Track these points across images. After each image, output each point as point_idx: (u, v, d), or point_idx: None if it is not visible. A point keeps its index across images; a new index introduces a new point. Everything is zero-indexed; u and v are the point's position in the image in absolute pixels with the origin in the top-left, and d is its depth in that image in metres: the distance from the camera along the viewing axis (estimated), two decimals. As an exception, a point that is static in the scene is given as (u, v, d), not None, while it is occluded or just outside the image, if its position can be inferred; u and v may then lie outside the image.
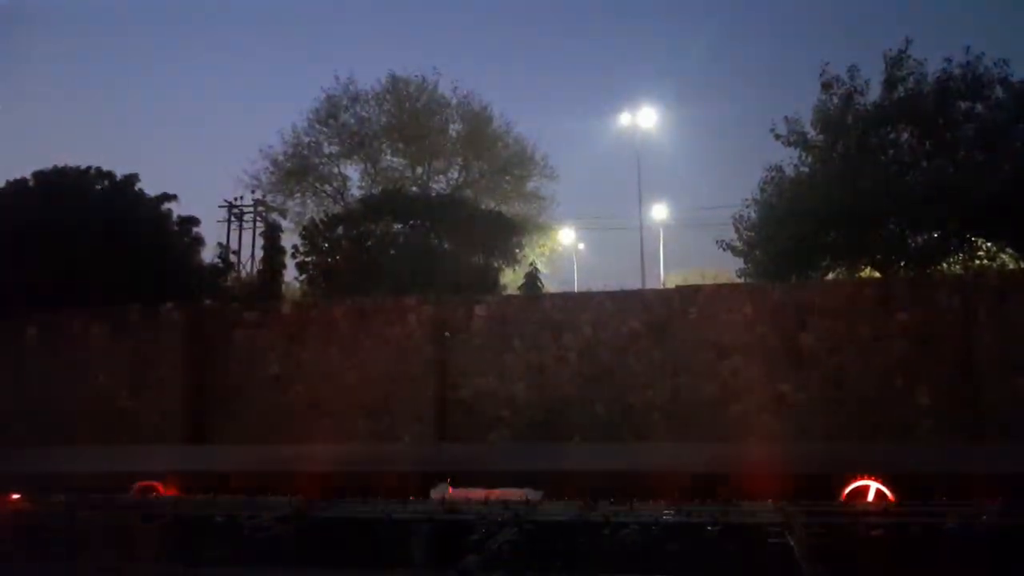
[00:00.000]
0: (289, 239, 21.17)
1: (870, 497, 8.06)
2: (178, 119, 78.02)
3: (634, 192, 29.64)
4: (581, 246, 40.24)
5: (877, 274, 16.08)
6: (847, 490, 8.20)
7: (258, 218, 30.82)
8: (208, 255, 19.78)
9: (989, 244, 15.85)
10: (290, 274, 20.40)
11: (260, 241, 26.49)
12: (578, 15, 79.77)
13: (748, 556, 6.31)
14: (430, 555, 6.71)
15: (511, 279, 20.57)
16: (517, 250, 20.18)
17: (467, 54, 74.57)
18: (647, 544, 6.37)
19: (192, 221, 18.39)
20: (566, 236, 33.62)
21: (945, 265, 16.08)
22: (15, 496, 8.44)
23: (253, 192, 29.61)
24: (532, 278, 18.53)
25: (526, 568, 6.08)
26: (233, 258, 24.37)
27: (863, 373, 11.97)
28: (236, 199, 31.17)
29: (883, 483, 8.04)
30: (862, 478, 8.19)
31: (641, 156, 29.89)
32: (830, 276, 16.58)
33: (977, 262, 15.85)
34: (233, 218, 31.57)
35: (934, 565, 6.04)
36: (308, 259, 18.81)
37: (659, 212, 36.55)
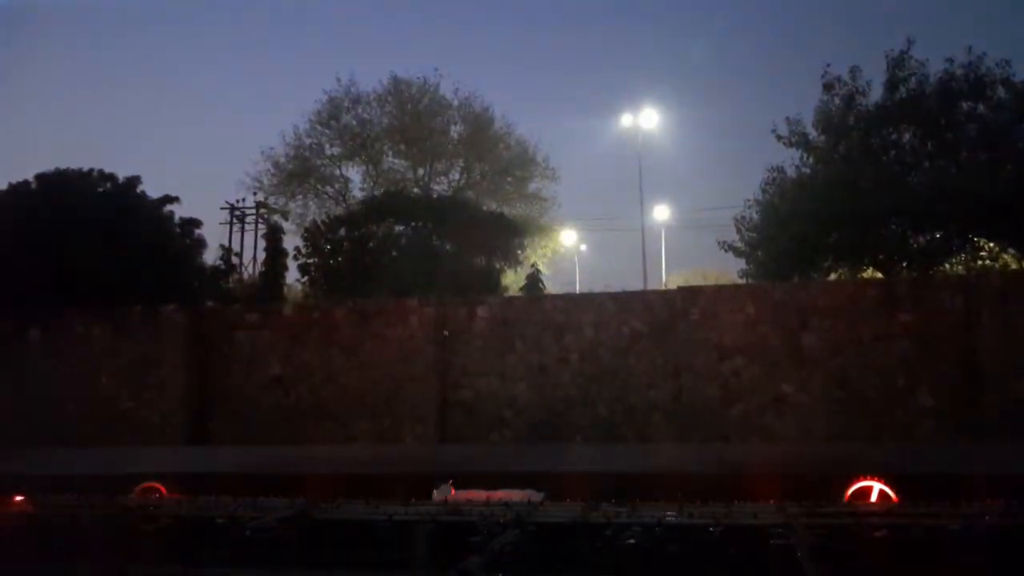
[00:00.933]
0: (291, 241, 21.22)
1: (873, 498, 8.04)
2: (180, 121, 78.22)
3: (636, 193, 29.65)
4: (583, 247, 40.27)
5: (879, 274, 16.05)
6: (850, 491, 8.18)
7: (260, 220, 30.87)
8: (210, 257, 19.84)
9: (991, 244, 15.83)
10: (292, 276, 20.45)
11: (262, 243, 26.51)
12: (580, 16, 79.89)
13: (750, 557, 6.30)
14: (432, 556, 6.69)
15: (513, 280, 20.57)
16: (519, 251, 20.17)
17: (468, 55, 74.84)
18: (649, 545, 6.36)
19: (194, 223, 18.41)
20: (568, 237, 33.60)
21: (947, 266, 16.06)
22: (18, 498, 8.44)
23: (255, 194, 29.70)
24: (534, 279, 18.54)
25: (528, 569, 6.07)
26: (235, 260, 24.45)
27: (865, 373, 11.95)
28: (238, 201, 31.28)
29: (886, 483, 8.03)
30: (865, 479, 8.18)
31: (643, 157, 29.88)
32: (832, 276, 16.56)
33: (979, 262, 15.83)
34: (235, 220, 31.65)
35: (937, 566, 6.02)
36: (310, 261, 18.82)
37: (661, 213, 36.53)
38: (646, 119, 29.85)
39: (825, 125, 16.54)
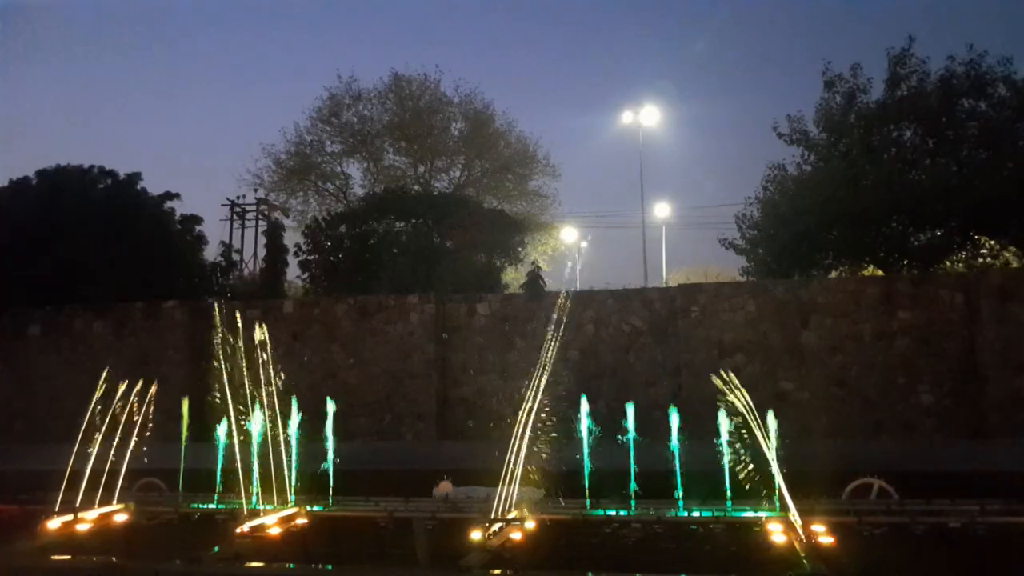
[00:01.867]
0: (292, 237, 21.18)
1: (873, 495, 8.06)
2: (181, 118, 78.23)
3: (637, 190, 29.60)
4: (583, 244, 40.19)
5: (880, 272, 16.04)
6: (849, 488, 8.20)
7: (260, 216, 30.83)
8: (211, 253, 19.81)
9: (992, 242, 15.81)
10: (292, 272, 20.42)
11: (262, 240, 26.47)
12: (581, 14, 79.84)
13: (751, 552, 6.31)
14: (433, 552, 6.70)
15: (513, 277, 20.53)
16: (519, 248, 20.14)
17: (469, 52, 74.75)
18: (650, 540, 6.37)
19: (195, 219, 18.41)
20: (568, 234, 33.55)
21: (948, 263, 16.03)
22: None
23: (256, 190, 29.64)
24: (534, 276, 18.50)
25: (529, 564, 6.08)
26: (236, 256, 24.39)
27: (865, 371, 11.97)
28: (239, 197, 31.18)
29: (886, 481, 8.04)
30: (865, 476, 8.19)
31: (643, 154, 29.83)
32: (833, 274, 16.54)
33: (980, 260, 15.80)
34: (236, 216, 31.57)
35: (937, 562, 6.03)
36: (310, 257, 18.81)
37: (662, 210, 36.44)
38: (647, 116, 29.81)
39: (826, 123, 16.51)
